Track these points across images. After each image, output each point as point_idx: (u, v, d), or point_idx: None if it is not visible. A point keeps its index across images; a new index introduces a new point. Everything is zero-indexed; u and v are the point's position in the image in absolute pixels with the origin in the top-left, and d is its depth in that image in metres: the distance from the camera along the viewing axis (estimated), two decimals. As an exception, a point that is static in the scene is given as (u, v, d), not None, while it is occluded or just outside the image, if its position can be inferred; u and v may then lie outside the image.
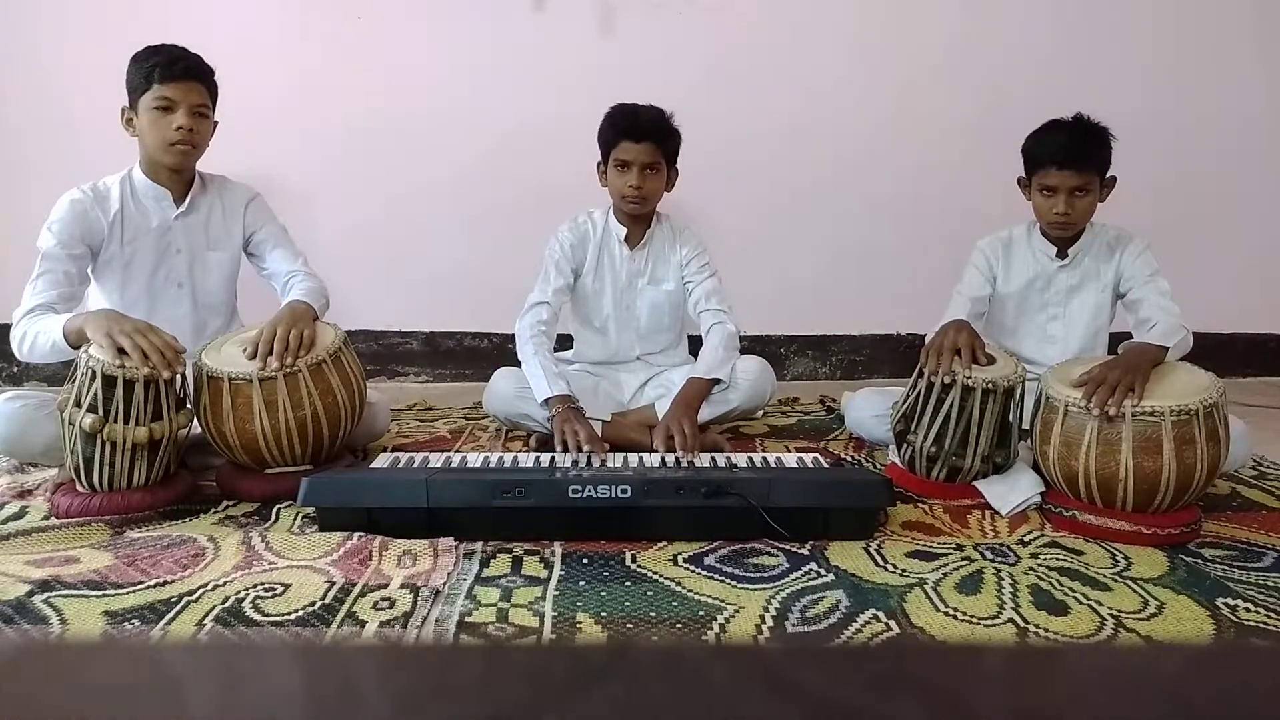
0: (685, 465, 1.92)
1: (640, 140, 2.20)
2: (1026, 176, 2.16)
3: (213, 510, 1.84)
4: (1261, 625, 1.39)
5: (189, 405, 1.90)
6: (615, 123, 2.24)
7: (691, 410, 2.15)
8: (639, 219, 2.36)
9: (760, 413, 2.55)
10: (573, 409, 2.13)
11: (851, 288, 3.25)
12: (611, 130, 2.25)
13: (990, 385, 1.85)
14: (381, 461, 1.94)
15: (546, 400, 2.15)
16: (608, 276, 2.39)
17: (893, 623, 1.38)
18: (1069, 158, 2.04)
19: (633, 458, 1.98)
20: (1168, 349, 1.88)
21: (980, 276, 2.27)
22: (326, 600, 1.42)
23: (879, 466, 2.18)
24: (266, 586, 1.46)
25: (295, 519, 1.77)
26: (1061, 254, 2.20)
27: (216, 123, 2.07)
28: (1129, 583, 1.52)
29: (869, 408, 2.25)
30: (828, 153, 3.15)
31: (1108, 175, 2.11)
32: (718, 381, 2.23)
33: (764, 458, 2.00)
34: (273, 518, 1.79)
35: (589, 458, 1.95)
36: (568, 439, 2.03)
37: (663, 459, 1.98)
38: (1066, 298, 2.23)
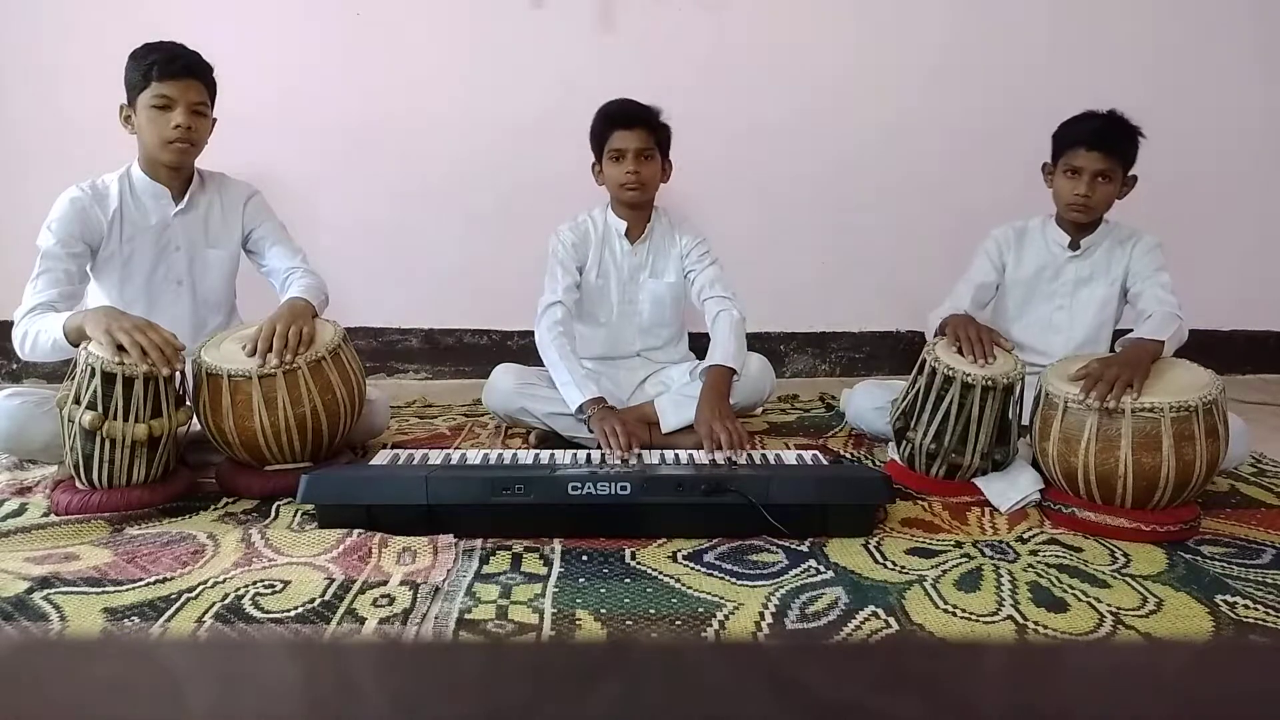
0: (734, 464, 1.92)
1: (632, 127, 2.23)
2: (1053, 161, 2.19)
3: (212, 507, 1.84)
4: (1260, 622, 1.39)
5: (188, 402, 1.90)
6: (606, 115, 2.28)
7: (725, 402, 2.14)
8: (639, 212, 2.36)
9: (760, 410, 2.55)
10: (609, 407, 2.13)
11: (851, 285, 3.25)
12: (603, 122, 2.28)
13: (990, 382, 1.85)
14: (381, 459, 1.94)
15: (582, 405, 2.12)
16: (611, 272, 2.39)
17: (892, 620, 1.38)
18: (1099, 141, 2.09)
19: (631, 455, 1.99)
20: (1164, 342, 1.88)
21: (988, 263, 2.30)
22: (326, 597, 1.42)
23: (878, 463, 2.18)
24: (266, 583, 1.47)
25: (295, 516, 1.77)
26: (1074, 245, 2.22)
27: (215, 120, 2.07)
28: (1128, 580, 1.52)
29: (869, 400, 2.25)
30: (827, 150, 3.14)
31: (1130, 174, 2.14)
32: (734, 372, 2.23)
33: (763, 455, 2.00)
34: (272, 515, 1.79)
35: (636, 455, 1.96)
36: (609, 438, 2.01)
37: (711, 459, 1.97)
38: (1074, 289, 2.25)
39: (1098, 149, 2.08)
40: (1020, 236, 2.31)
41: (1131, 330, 2.04)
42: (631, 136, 2.24)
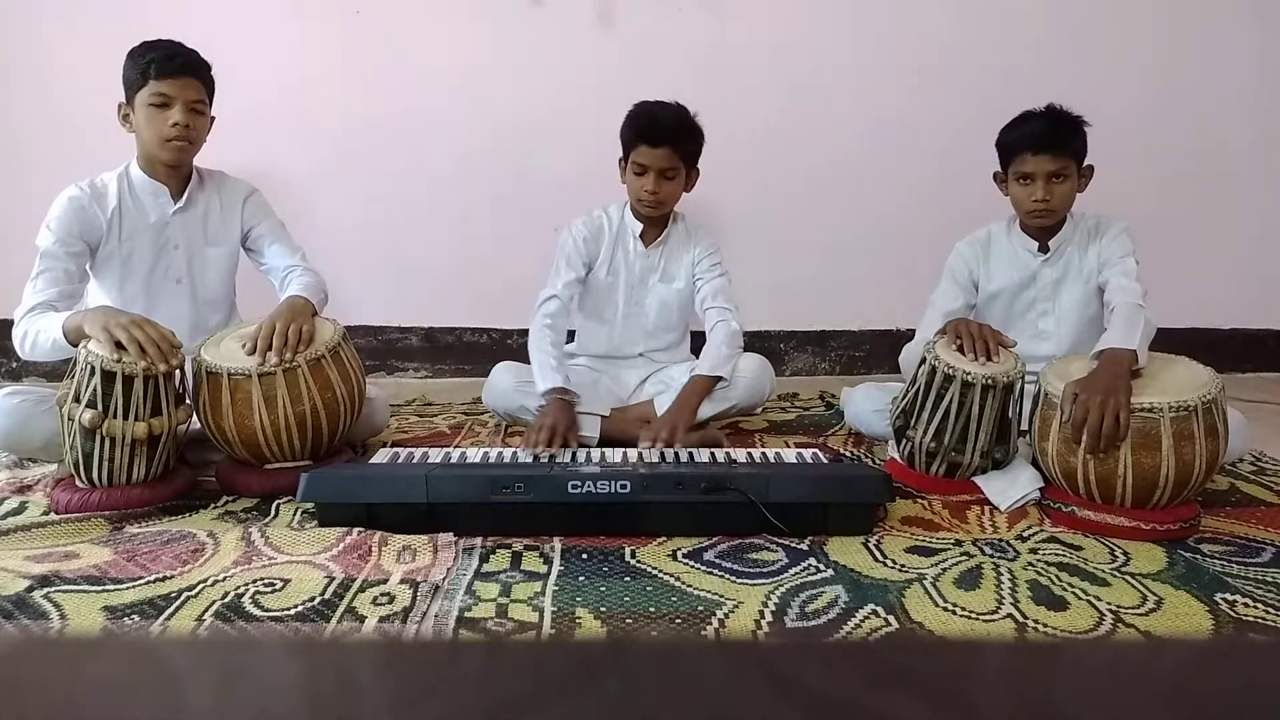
0: (659, 459, 1.94)
1: (658, 145, 2.19)
2: (1003, 170, 2.15)
3: (212, 505, 1.84)
4: (1260, 620, 1.39)
5: (188, 400, 1.90)
6: (635, 125, 2.22)
7: (690, 409, 2.16)
8: (656, 218, 2.36)
9: (759, 409, 2.55)
10: (563, 401, 2.13)
11: (850, 283, 3.25)
12: (631, 132, 2.23)
13: (990, 381, 1.85)
14: (381, 457, 1.94)
15: (542, 393, 2.16)
16: (621, 272, 2.39)
17: (891, 618, 1.38)
18: (1044, 143, 2.03)
19: (631, 453, 1.99)
20: (1136, 351, 1.79)
21: (956, 287, 2.24)
22: (326, 595, 1.42)
23: (878, 462, 2.18)
24: (266, 582, 1.47)
25: (295, 514, 1.77)
26: (1043, 248, 2.18)
27: (214, 118, 2.07)
28: (1128, 578, 1.52)
29: (868, 403, 2.24)
30: (826, 148, 3.14)
31: (1085, 165, 2.09)
32: (719, 379, 2.24)
33: (763, 453, 2.00)
34: (272, 513, 1.79)
35: (550, 456, 1.96)
36: (530, 433, 2.04)
37: (641, 452, 1.99)
38: (1054, 292, 2.20)
39: (1045, 151, 2.03)
40: (986, 249, 2.24)
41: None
42: (656, 155, 2.19)
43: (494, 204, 3.12)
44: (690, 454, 2.01)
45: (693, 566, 1.55)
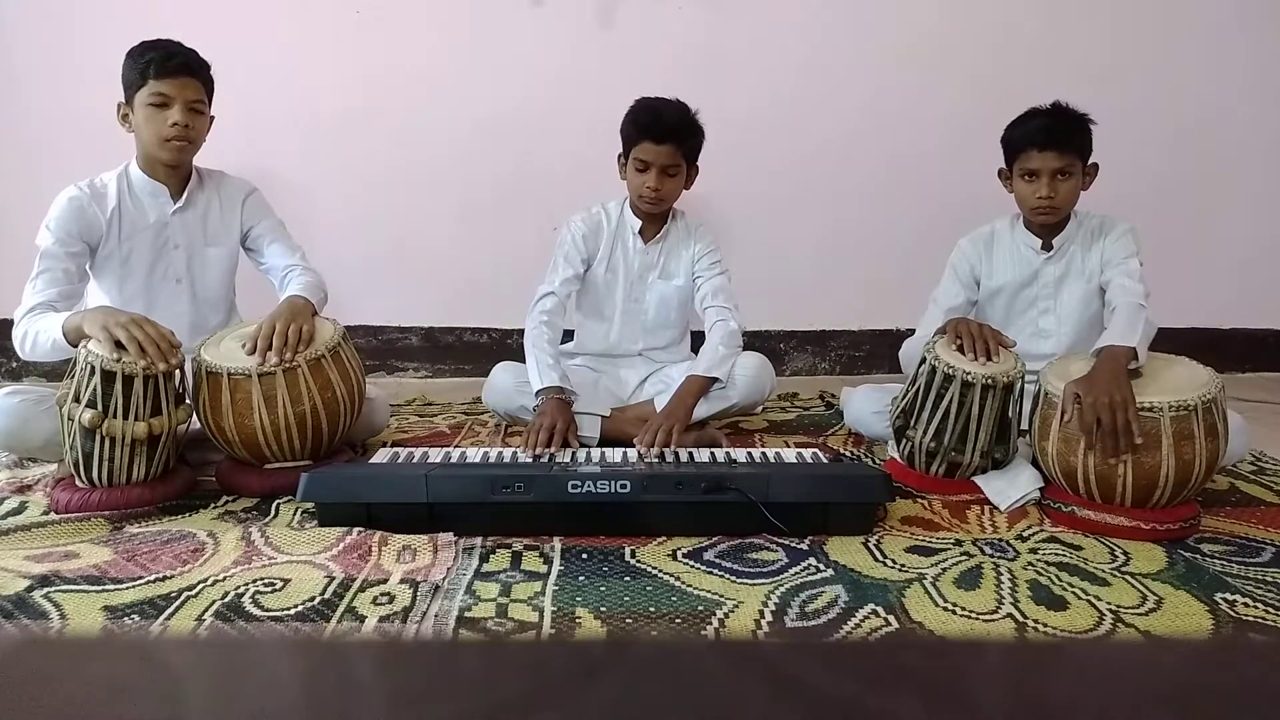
0: (658, 460, 1.95)
1: (661, 142, 2.19)
2: (1007, 166, 2.15)
3: (212, 505, 1.84)
4: (1260, 620, 1.39)
5: (188, 400, 1.90)
6: (638, 121, 2.22)
7: (685, 410, 2.15)
8: (655, 215, 2.36)
9: (759, 408, 2.55)
10: (559, 400, 2.13)
11: (851, 283, 3.25)
12: (633, 129, 2.22)
13: (990, 380, 1.85)
14: (381, 457, 1.94)
15: (538, 391, 2.16)
16: (620, 268, 2.39)
17: (891, 618, 1.38)
18: (1050, 139, 2.03)
19: (631, 453, 1.99)
20: (1135, 348, 1.79)
21: (958, 284, 2.25)
22: (326, 595, 1.42)
23: (878, 462, 2.18)
24: (266, 582, 1.47)
25: (295, 514, 1.77)
26: (1046, 246, 2.18)
27: (213, 118, 2.07)
28: (1128, 578, 1.52)
29: (868, 404, 2.24)
30: (826, 147, 3.14)
31: (1090, 163, 2.09)
32: (715, 380, 2.23)
33: (763, 453, 2.00)
34: (272, 513, 1.79)
35: (550, 456, 1.96)
36: (530, 434, 2.04)
37: (640, 454, 1.99)
38: (1056, 290, 2.20)
39: (1050, 148, 2.03)
40: (989, 246, 2.24)
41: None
42: (659, 152, 2.19)
43: (494, 204, 3.12)
44: (690, 454, 2.01)
45: (693, 566, 1.55)
